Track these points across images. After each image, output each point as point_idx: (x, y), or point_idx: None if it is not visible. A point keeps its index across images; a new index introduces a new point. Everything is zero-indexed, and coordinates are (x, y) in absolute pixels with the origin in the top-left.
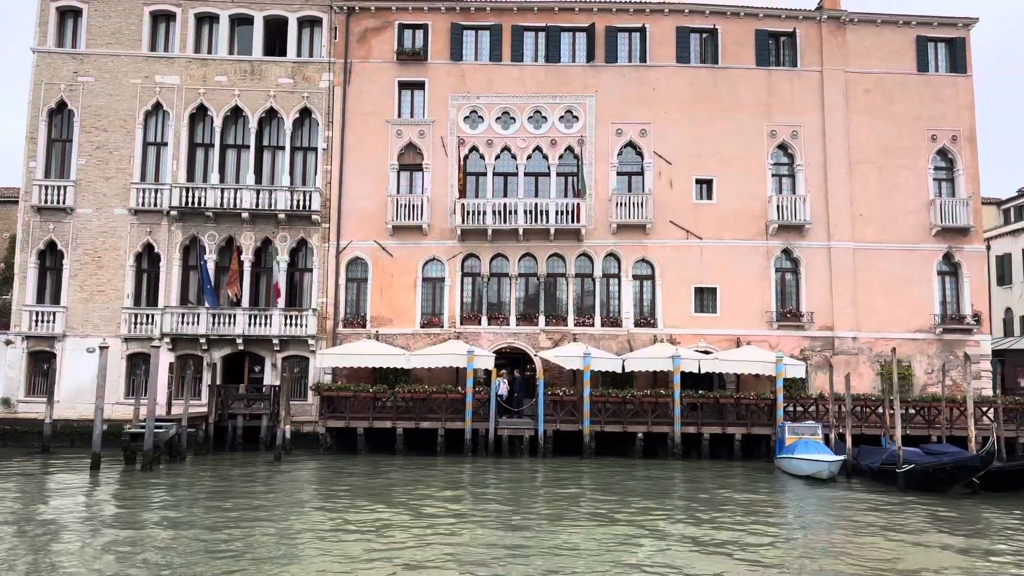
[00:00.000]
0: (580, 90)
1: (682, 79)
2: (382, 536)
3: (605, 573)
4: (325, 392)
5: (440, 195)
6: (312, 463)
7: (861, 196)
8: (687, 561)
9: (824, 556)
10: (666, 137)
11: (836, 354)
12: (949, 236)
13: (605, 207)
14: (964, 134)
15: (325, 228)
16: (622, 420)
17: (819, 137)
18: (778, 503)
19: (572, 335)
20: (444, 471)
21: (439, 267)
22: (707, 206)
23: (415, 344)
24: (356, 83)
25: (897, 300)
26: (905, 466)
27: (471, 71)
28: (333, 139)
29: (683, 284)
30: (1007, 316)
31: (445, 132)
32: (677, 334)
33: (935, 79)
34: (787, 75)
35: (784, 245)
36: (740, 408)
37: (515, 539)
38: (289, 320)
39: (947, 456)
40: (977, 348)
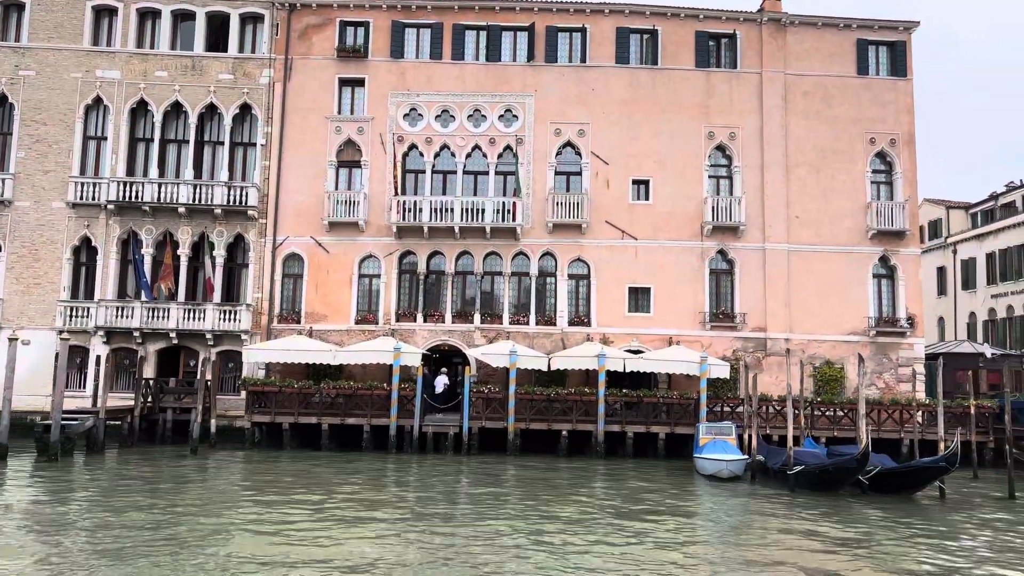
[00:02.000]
0: (520, 89)
1: (621, 80)
2: (256, 530)
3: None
4: (252, 387)
5: (378, 192)
6: (231, 457)
7: (798, 198)
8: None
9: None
10: (604, 137)
11: (768, 355)
12: (885, 239)
13: (543, 206)
14: (903, 137)
15: (262, 223)
16: (548, 418)
17: (757, 139)
18: (665, 500)
19: (507, 333)
20: (352, 466)
21: (376, 264)
22: (643, 207)
23: (349, 340)
24: (296, 79)
25: (832, 302)
26: (796, 467)
27: (412, 69)
28: (272, 135)
29: (618, 284)
30: (971, 320)
31: (384, 129)
32: (610, 333)
33: (875, 82)
34: (726, 77)
35: (719, 246)
36: (665, 407)
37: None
38: (224, 315)
39: (836, 458)
40: (911, 351)
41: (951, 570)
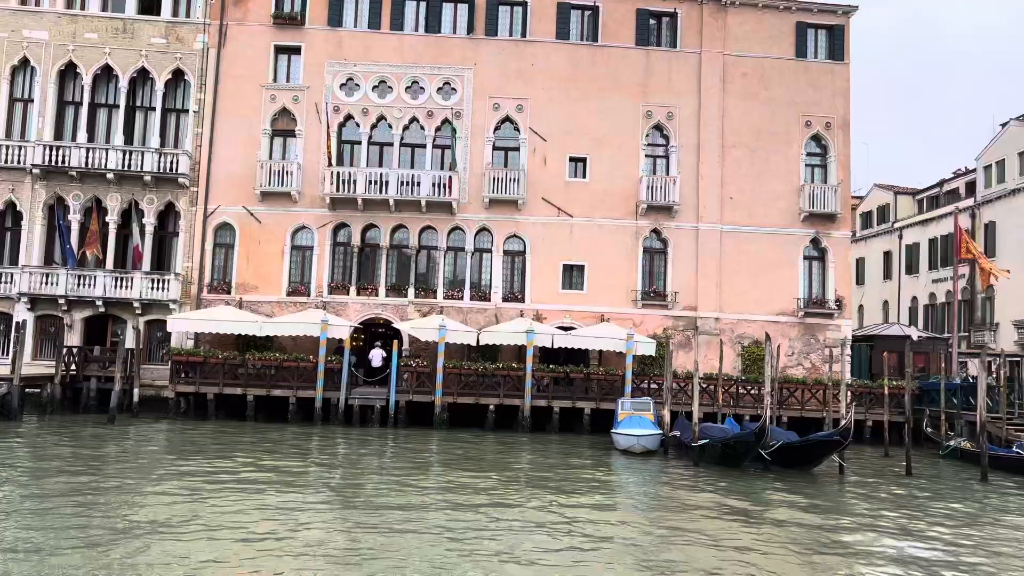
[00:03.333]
0: (459, 62)
1: (561, 56)
2: (139, 499)
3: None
4: (176, 356)
5: (313, 162)
6: (150, 427)
7: (733, 179)
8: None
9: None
10: (543, 113)
11: (699, 334)
12: (817, 222)
13: (480, 182)
14: (838, 121)
15: (193, 192)
16: (476, 392)
17: (694, 119)
18: (570, 473)
19: (440, 308)
20: (271, 437)
21: (309, 235)
22: (580, 184)
23: (280, 312)
24: (231, 46)
25: (762, 283)
26: (700, 441)
27: (349, 38)
28: (205, 102)
29: (552, 261)
30: (913, 304)
31: (320, 99)
32: (544, 310)
33: (813, 65)
34: (666, 56)
35: (654, 226)
36: (592, 383)
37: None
38: (152, 284)
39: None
40: (838, 332)
41: (818, 540)
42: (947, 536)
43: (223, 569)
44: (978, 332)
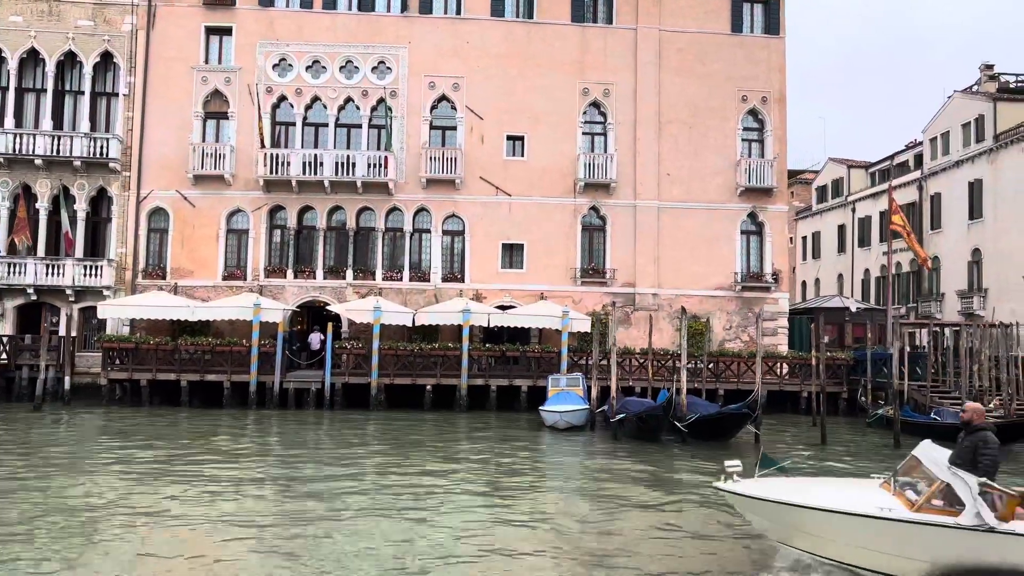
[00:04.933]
0: (393, 41)
1: (497, 33)
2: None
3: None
4: (107, 343)
5: (246, 145)
6: (80, 414)
7: (670, 156)
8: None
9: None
10: (479, 92)
11: (637, 310)
12: (754, 196)
13: (417, 161)
14: (774, 95)
15: (125, 176)
16: (412, 373)
17: (631, 96)
18: (489, 447)
19: (379, 289)
20: (202, 422)
21: (244, 218)
22: (518, 162)
23: (216, 296)
24: (160, 27)
25: (700, 258)
26: (618, 416)
27: (281, 17)
28: (135, 85)
29: (491, 240)
30: (865, 277)
31: (253, 80)
32: (483, 289)
33: (748, 40)
34: (602, 32)
35: (592, 203)
36: (531, 361)
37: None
38: (85, 270)
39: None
40: (775, 305)
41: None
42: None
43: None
44: (925, 303)
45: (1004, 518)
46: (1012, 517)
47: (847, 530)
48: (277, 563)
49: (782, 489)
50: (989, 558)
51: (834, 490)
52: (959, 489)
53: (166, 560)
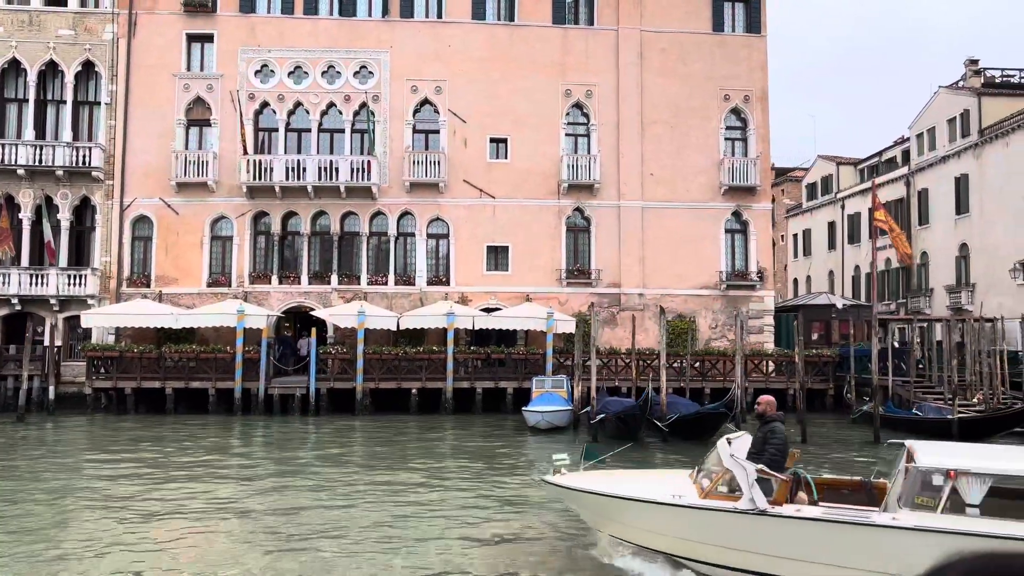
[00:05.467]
0: (375, 45)
1: (478, 36)
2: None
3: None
4: (91, 352)
5: (229, 151)
6: (62, 424)
7: (653, 156)
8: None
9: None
10: (462, 95)
11: (623, 310)
12: (738, 195)
13: (400, 165)
14: (756, 94)
15: (109, 185)
16: (397, 377)
17: (613, 97)
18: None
19: (364, 294)
20: (185, 430)
21: (228, 225)
22: (501, 165)
23: (201, 303)
24: (142, 35)
25: (685, 257)
26: (598, 416)
27: (262, 24)
28: (117, 93)
29: (476, 243)
30: (855, 273)
31: (235, 87)
32: (469, 292)
33: (730, 39)
34: (583, 34)
35: (576, 204)
36: (515, 362)
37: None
38: (70, 280)
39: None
40: (761, 303)
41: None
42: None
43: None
44: (914, 299)
45: (776, 502)
46: (784, 501)
47: (646, 517)
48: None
49: (599, 481)
50: (763, 539)
51: (644, 480)
52: (739, 476)
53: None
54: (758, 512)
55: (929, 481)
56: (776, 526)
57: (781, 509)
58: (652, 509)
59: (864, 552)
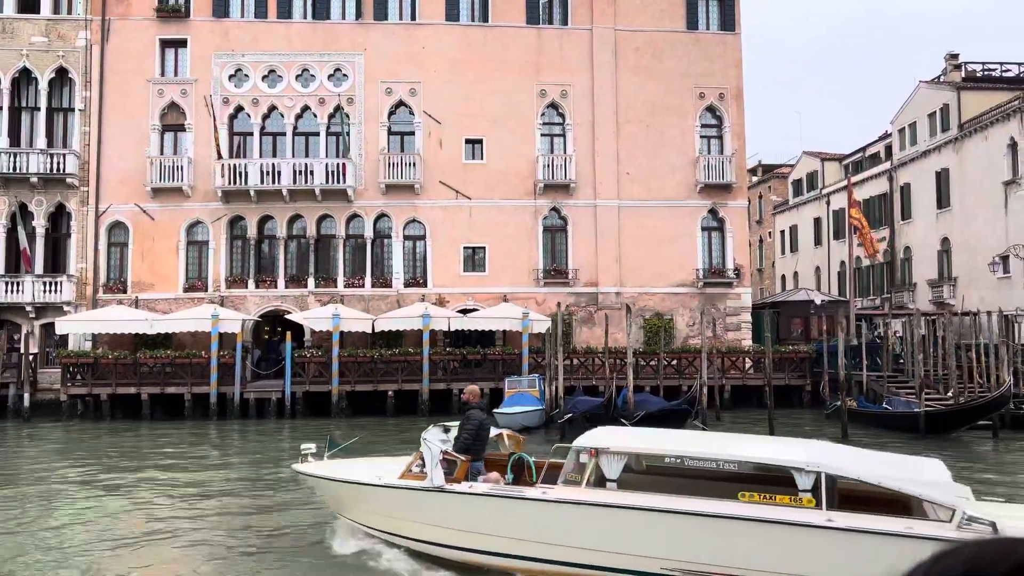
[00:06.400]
0: (349, 48)
1: (452, 37)
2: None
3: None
4: (65, 359)
5: (204, 156)
6: (35, 430)
7: (629, 154)
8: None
9: None
10: (437, 96)
11: (600, 309)
12: (714, 192)
13: (376, 167)
14: (731, 91)
15: (84, 192)
16: (374, 379)
17: (588, 96)
18: None
19: (341, 297)
20: (155, 436)
21: (204, 230)
22: (477, 166)
23: (178, 309)
24: (115, 41)
25: (662, 256)
26: (567, 415)
27: (235, 28)
28: (91, 99)
29: (452, 244)
30: (841, 269)
31: (209, 91)
32: (446, 293)
33: (704, 37)
34: (557, 33)
35: (553, 204)
36: (492, 363)
37: None
38: (45, 287)
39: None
40: (738, 300)
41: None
42: None
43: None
44: (898, 293)
45: (456, 480)
46: (463, 479)
47: (357, 498)
48: None
49: (336, 468)
50: (445, 514)
51: (369, 466)
52: (427, 457)
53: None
54: (437, 489)
55: (578, 460)
56: (452, 501)
57: (456, 486)
58: (357, 490)
59: (520, 523)
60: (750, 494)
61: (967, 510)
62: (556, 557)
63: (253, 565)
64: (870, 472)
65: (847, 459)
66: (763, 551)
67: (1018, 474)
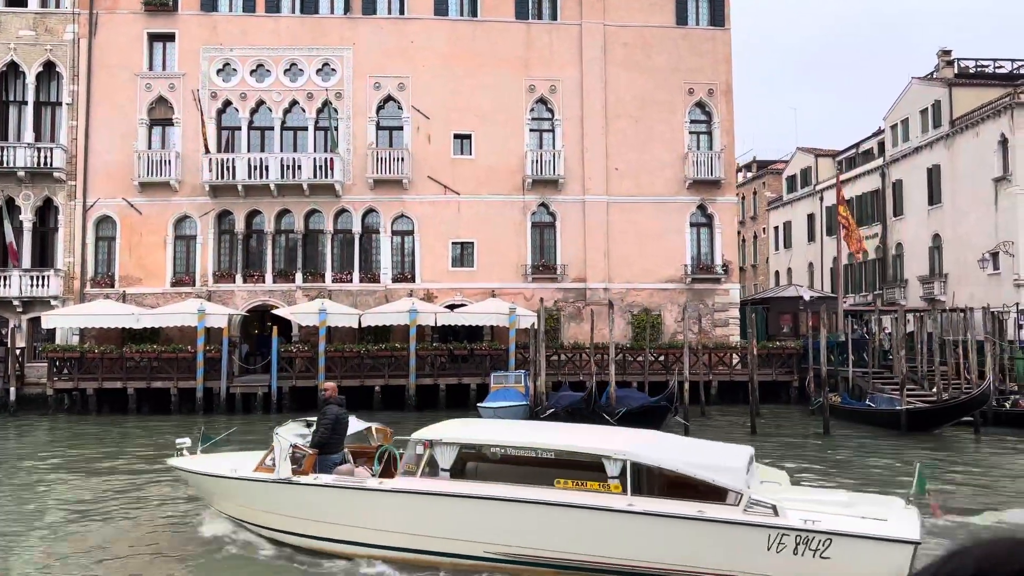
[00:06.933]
0: (337, 42)
1: (441, 32)
2: None
3: None
4: (51, 353)
5: (192, 151)
6: (19, 425)
7: (618, 150)
8: None
9: None
10: (426, 91)
11: (588, 305)
12: (703, 188)
13: (364, 162)
14: (720, 87)
15: (71, 186)
16: (360, 374)
17: (578, 91)
18: None
19: (329, 292)
20: (136, 430)
21: (192, 224)
22: (466, 161)
23: (165, 303)
24: (103, 34)
25: (650, 251)
26: (548, 410)
27: (224, 22)
28: (79, 93)
29: (441, 239)
30: (833, 265)
31: (198, 85)
32: (434, 289)
33: (694, 32)
34: (546, 28)
35: (541, 200)
36: (479, 358)
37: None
38: (33, 281)
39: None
40: (726, 296)
41: None
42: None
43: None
44: (890, 290)
45: (304, 472)
46: (311, 471)
47: (217, 490)
48: None
49: (204, 462)
50: (292, 503)
51: (236, 459)
52: (276, 451)
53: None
54: (285, 481)
55: (415, 451)
56: (298, 492)
57: (302, 478)
58: (215, 483)
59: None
60: (565, 481)
61: (753, 495)
62: (393, 544)
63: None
64: (671, 459)
65: (657, 448)
66: (574, 534)
67: (991, 469)
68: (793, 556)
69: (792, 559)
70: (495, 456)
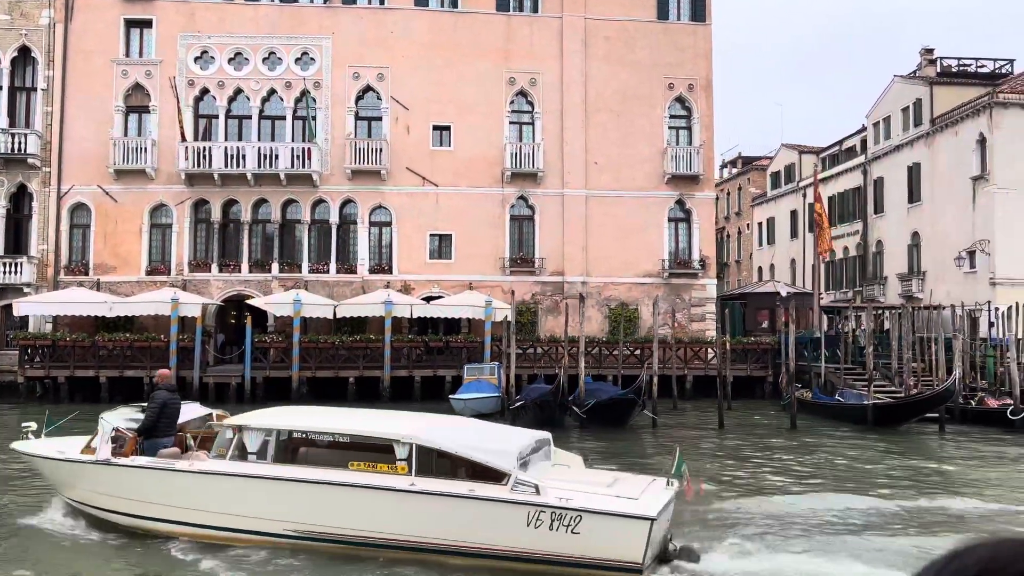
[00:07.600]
0: (316, 31)
1: (422, 23)
2: None
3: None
4: (23, 340)
5: (168, 138)
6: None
7: (597, 144)
8: None
9: None
10: (405, 82)
11: (566, 298)
12: (682, 183)
13: (342, 152)
14: (701, 83)
15: (46, 172)
16: (334, 366)
17: (558, 84)
18: None
19: (306, 282)
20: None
21: (168, 213)
22: (444, 153)
23: (140, 292)
24: (79, 20)
25: (628, 246)
26: (518, 402)
27: (202, 9)
28: (54, 79)
29: (419, 231)
30: (815, 261)
31: (175, 73)
32: (412, 280)
33: (675, 27)
34: (527, 21)
35: (520, 192)
36: (455, 350)
37: None
38: (5, 268)
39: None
40: (703, 292)
41: None
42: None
43: None
44: (869, 287)
45: (124, 455)
46: (132, 453)
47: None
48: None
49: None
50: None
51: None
52: (99, 434)
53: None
54: (103, 462)
55: (226, 436)
56: (117, 473)
57: (119, 460)
58: (43, 463)
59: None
60: (358, 463)
61: (520, 475)
62: (202, 522)
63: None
64: (452, 443)
65: (443, 432)
66: (364, 513)
67: (944, 463)
68: (549, 531)
69: (548, 534)
70: (322, 442)
